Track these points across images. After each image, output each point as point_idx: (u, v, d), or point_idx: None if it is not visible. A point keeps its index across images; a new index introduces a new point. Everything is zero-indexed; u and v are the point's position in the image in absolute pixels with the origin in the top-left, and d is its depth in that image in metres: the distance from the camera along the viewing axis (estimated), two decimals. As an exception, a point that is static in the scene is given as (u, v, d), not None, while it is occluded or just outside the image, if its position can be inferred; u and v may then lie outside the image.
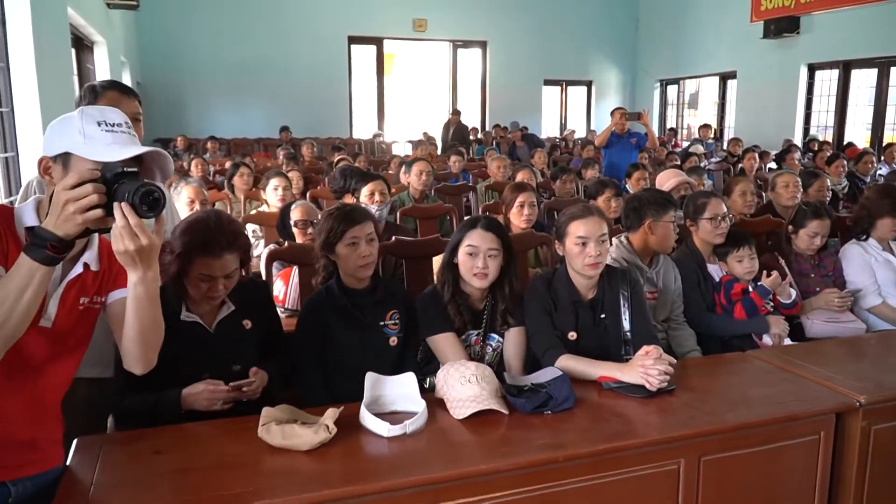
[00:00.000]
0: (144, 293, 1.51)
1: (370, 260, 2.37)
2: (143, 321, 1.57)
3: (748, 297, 3.03)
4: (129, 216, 1.37)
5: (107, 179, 1.40)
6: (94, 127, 1.46)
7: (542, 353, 2.45)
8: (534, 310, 2.54)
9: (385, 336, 2.44)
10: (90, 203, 1.35)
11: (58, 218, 1.36)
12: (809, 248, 3.39)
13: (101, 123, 1.47)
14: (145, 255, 1.42)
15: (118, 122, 1.50)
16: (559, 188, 5.47)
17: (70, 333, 1.64)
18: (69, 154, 1.45)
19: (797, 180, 4.34)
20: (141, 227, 1.39)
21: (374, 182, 3.66)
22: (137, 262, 1.43)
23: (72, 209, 1.35)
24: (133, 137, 1.52)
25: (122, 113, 1.55)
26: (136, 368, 1.69)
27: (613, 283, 2.58)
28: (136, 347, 1.64)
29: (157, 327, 1.64)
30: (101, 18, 8.25)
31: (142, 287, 1.50)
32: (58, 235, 1.36)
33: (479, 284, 2.48)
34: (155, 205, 1.40)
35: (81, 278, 1.62)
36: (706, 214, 3.22)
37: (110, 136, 1.47)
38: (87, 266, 1.63)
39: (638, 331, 2.53)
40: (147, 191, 1.39)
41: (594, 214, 2.51)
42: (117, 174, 1.41)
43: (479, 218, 2.53)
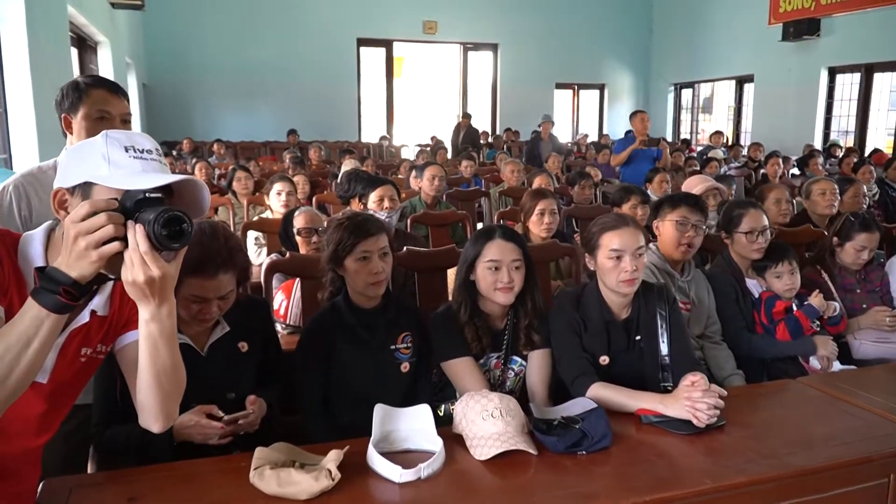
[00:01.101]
0: (159, 332, 1.27)
1: (382, 277, 2.12)
2: (158, 365, 1.33)
3: (793, 317, 2.77)
4: (141, 241, 1.15)
5: (126, 208, 1.17)
6: (121, 153, 1.24)
7: (571, 379, 2.20)
8: (561, 330, 2.29)
9: (396, 362, 2.19)
10: (105, 236, 1.13)
11: (70, 256, 1.14)
12: (856, 263, 3.12)
13: (128, 149, 1.25)
14: (157, 287, 1.19)
15: (148, 149, 1.27)
16: (577, 194, 5.21)
17: (66, 388, 1.42)
18: (90, 184, 1.23)
19: (835, 187, 4.08)
20: (153, 255, 1.16)
21: (382, 187, 3.41)
22: (149, 295, 1.20)
23: (83, 244, 1.12)
24: (163, 166, 1.29)
25: (151, 138, 1.32)
26: (154, 425, 1.44)
27: (649, 301, 2.33)
28: (154, 398, 1.39)
29: (175, 373, 1.39)
30: (104, 18, 8.07)
31: (155, 325, 1.26)
32: (72, 278, 1.14)
33: (504, 300, 2.23)
34: (179, 235, 1.17)
35: (87, 327, 1.40)
36: (742, 227, 2.96)
37: (139, 164, 1.24)
38: (93, 313, 1.40)
39: (678, 355, 2.27)
40: (171, 217, 1.15)
41: (629, 225, 2.25)
42: (139, 201, 1.18)
43: (493, 228, 2.28)
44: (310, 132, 12.54)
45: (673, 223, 2.80)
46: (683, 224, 2.79)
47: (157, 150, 1.29)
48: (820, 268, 3.21)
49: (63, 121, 2.18)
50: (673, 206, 2.84)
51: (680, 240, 2.79)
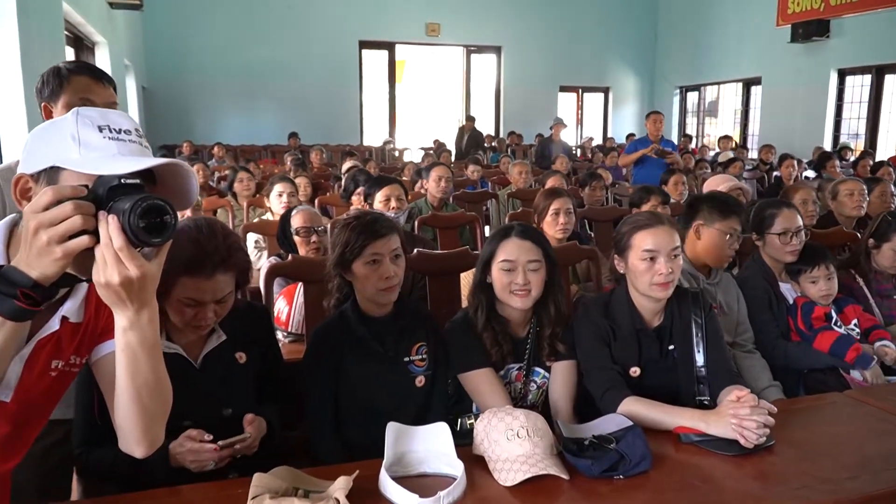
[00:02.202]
0: (139, 342, 1.08)
1: (395, 282, 1.93)
2: (139, 381, 1.14)
3: (845, 339, 2.56)
4: (115, 236, 0.96)
5: (98, 196, 0.98)
6: (94, 133, 1.05)
7: (600, 393, 2.01)
8: (588, 340, 2.10)
9: (411, 375, 2.00)
10: (71, 229, 0.94)
11: (30, 252, 0.95)
12: (894, 266, 2.94)
13: (102, 129, 1.06)
14: (135, 290, 1.00)
15: (126, 128, 1.09)
16: (588, 196, 5.02)
17: (35, 408, 1.22)
18: (58, 169, 1.04)
19: (863, 188, 3.90)
20: (129, 251, 0.97)
21: (389, 186, 3.23)
22: (125, 299, 1.01)
23: (45, 238, 0.94)
24: (144, 149, 1.11)
25: (130, 117, 1.13)
26: (136, 450, 1.24)
27: (683, 307, 2.14)
28: (134, 419, 1.19)
29: (159, 389, 1.19)
30: (102, 18, 7.91)
31: (134, 334, 1.07)
32: (32, 278, 0.96)
33: (520, 305, 2.05)
34: (161, 228, 0.98)
35: (56, 336, 1.20)
36: (775, 228, 2.77)
37: (115, 146, 1.06)
38: (65, 320, 1.20)
39: (715, 367, 2.09)
40: (151, 206, 0.97)
41: (664, 223, 2.07)
42: (113, 188, 0.98)
43: (511, 226, 2.10)
44: (312, 135, 12.36)
45: (721, 233, 2.60)
46: (732, 235, 2.61)
47: (137, 131, 1.10)
48: (854, 272, 3.02)
49: (43, 110, 2.00)
50: (724, 215, 2.62)
51: (727, 251, 2.61)
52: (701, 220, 2.63)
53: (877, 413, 1.97)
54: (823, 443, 1.79)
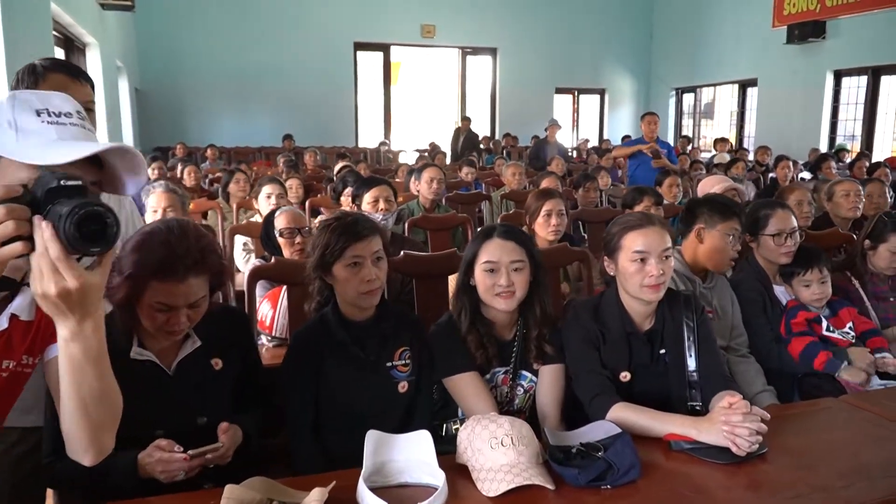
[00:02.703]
0: (83, 352, 1.03)
1: (377, 285, 1.87)
2: (84, 392, 1.08)
3: (812, 347, 2.51)
4: (51, 245, 0.90)
5: (35, 199, 0.93)
6: (32, 117, 1.01)
7: (588, 398, 1.96)
8: (577, 343, 2.05)
9: (393, 381, 1.94)
10: (3, 234, 0.90)
11: None
12: (890, 267, 2.88)
13: (41, 113, 1.02)
14: (75, 300, 0.95)
15: (67, 111, 1.04)
16: (582, 197, 4.97)
17: None
18: None
19: (859, 189, 3.84)
20: (66, 261, 0.91)
21: (378, 187, 3.17)
22: (66, 310, 0.96)
23: None
24: (88, 132, 1.05)
25: (73, 99, 1.08)
26: (83, 458, 1.19)
27: (675, 310, 2.09)
28: (80, 429, 1.14)
29: (107, 400, 1.14)
30: (93, 19, 7.84)
31: (78, 345, 1.02)
32: None
33: (504, 306, 1.99)
34: (99, 235, 0.93)
35: (6, 334, 1.15)
36: (769, 229, 2.72)
37: (55, 131, 1.01)
38: (14, 318, 1.15)
39: (707, 371, 2.03)
40: (88, 213, 0.91)
41: (655, 224, 2.02)
42: (51, 190, 0.93)
43: (494, 226, 2.05)
44: (306, 137, 12.30)
45: (723, 235, 2.55)
46: (734, 236, 2.56)
47: (79, 113, 1.04)
48: (850, 274, 2.97)
49: None
50: (725, 217, 2.57)
51: (730, 254, 2.56)
52: (702, 223, 2.58)
53: (873, 419, 1.91)
54: (818, 450, 1.74)
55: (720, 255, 2.53)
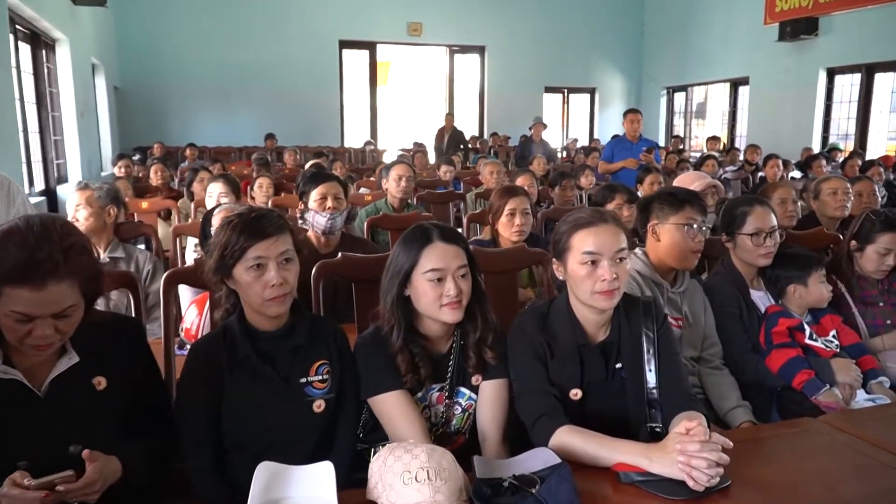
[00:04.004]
0: None
1: (284, 291, 1.63)
2: None
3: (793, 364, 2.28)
4: None
5: None
6: None
7: (532, 420, 1.72)
8: (521, 358, 1.81)
9: (307, 399, 1.69)
10: None
11: None
12: (879, 270, 2.65)
13: None
14: None
15: None
16: (559, 196, 4.73)
17: None
18: None
19: (847, 187, 3.61)
20: None
21: (325, 184, 2.92)
22: None
23: None
24: None
25: None
26: None
27: (633, 319, 1.85)
28: None
29: None
30: (61, 14, 7.58)
31: None
32: None
33: (453, 318, 1.76)
34: None
35: None
36: (746, 228, 2.49)
37: None
38: None
39: (669, 388, 1.80)
40: None
41: (608, 221, 1.78)
42: None
43: (428, 228, 1.79)
44: (291, 137, 12.03)
45: (678, 227, 2.31)
46: (691, 226, 2.31)
47: None
48: (836, 277, 2.73)
49: None
50: (677, 207, 2.34)
51: (690, 246, 2.31)
52: (655, 218, 2.35)
53: (855, 444, 1.68)
54: (790, 482, 1.50)
55: (679, 250, 2.30)
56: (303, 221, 2.97)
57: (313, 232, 2.96)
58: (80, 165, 8.07)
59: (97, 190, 3.07)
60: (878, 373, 2.40)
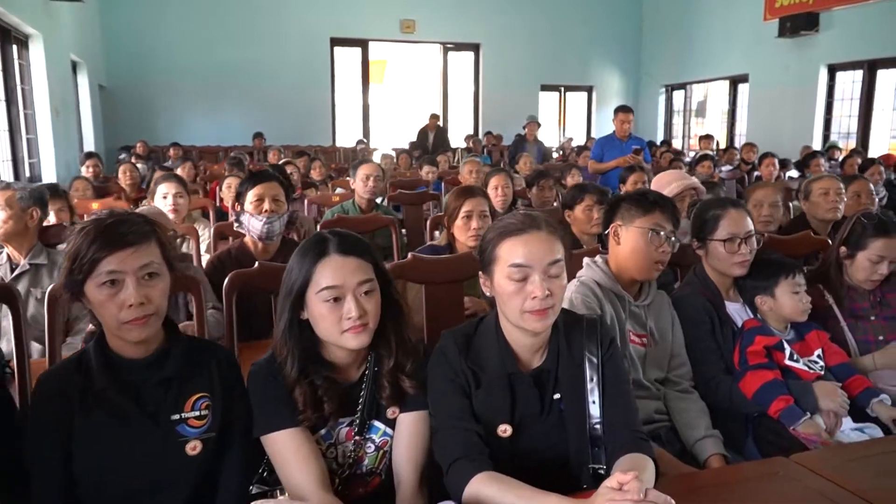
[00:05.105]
0: None
1: (146, 312, 1.36)
2: None
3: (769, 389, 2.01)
4: None
5: None
6: None
7: (447, 464, 1.46)
8: (439, 387, 1.56)
9: (180, 440, 1.43)
10: None
11: None
12: (870, 280, 2.38)
13: None
14: None
15: None
16: (536, 197, 4.46)
17: None
18: None
19: (839, 187, 3.33)
20: None
21: (262, 185, 2.66)
22: None
23: None
24: None
25: None
26: None
27: (574, 341, 1.59)
28: None
29: None
30: (34, 8, 7.33)
31: None
32: None
33: (356, 343, 1.50)
34: None
35: None
36: (719, 234, 2.22)
37: None
38: None
39: (615, 423, 1.54)
40: None
41: (541, 229, 1.52)
42: None
43: (325, 238, 1.53)
44: (281, 136, 11.78)
45: (642, 231, 2.05)
46: (657, 233, 2.05)
47: None
48: (823, 287, 2.46)
49: None
50: (645, 210, 2.08)
51: (653, 255, 2.05)
52: (619, 219, 2.10)
53: (829, 490, 1.42)
54: (747, 547, 1.24)
55: (639, 257, 2.04)
56: (238, 225, 2.72)
57: (250, 237, 2.71)
58: (55, 164, 7.82)
59: (20, 190, 2.84)
60: (876, 392, 2.13)
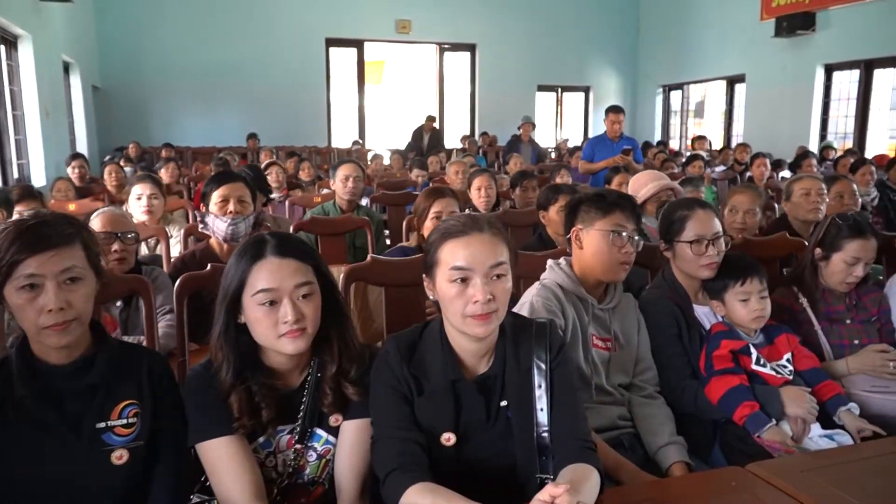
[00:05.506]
0: None
1: (66, 317, 1.30)
2: None
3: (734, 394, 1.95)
4: None
5: None
6: None
7: (383, 475, 1.41)
8: (379, 394, 1.50)
9: (105, 449, 1.38)
10: None
11: None
12: (845, 282, 2.32)
13: None
14: None
15: None
16: (519, 198, 4.41)
17: None
18: None
19: (821, 187, 3.27)
20: None
21: (227, 185, 2.61)
22: None
23: None
24: None
25: None
26: None
27: (522, 346, 1.54)
28: None
29: None
30: (23, 9, 7.30)
31: None
32: None
33: (293, 348, 1.45)
34: None
35: None
36: (686, 235, 2.17)
37: None
38: None
39: (562, 431, 1.48)
40: None
41: (484, 231, 1.46)
42: None
43: (262, 240, 1.48)
44: (277, 137, 11.76)
45: (603, 233, 2.00)
46: (619, 234, 2.00)
47: None
48: (798, 290, 2.40)
49: None
50: (604, 211, 2.03)
51: (616, 256, 1.99)
52: (580, 223, 2.04)
53: (783, 502, 1.36)
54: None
55: (603, 259, 1.98)
56: (203, 226, 2.67)
57: (215, 239, 2.66)
58: (45, 166, 7.79)
59: None
60: (845, 399, 2.07)
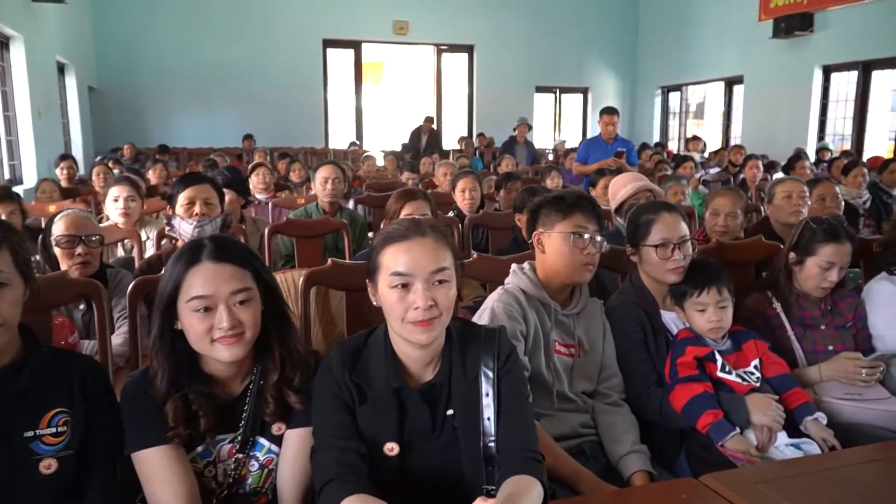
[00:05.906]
0: None
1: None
2: None
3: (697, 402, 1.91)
4: None
5: None
6: None
7: (319, 486, 1.37)
8: (320, 403, 1.46)
9: (32, 458, 1.34)
10: None
11: None
12: (819, 287, 2.27)
13: None
14: None
15: None
16: (504, 199, 4.36)
17: None
18: None
19: (803, 189, 3.22)
20: None
21: (194, 187, 2.58)
22: None
23: None
24: None
25: None
26: None
27: (469, 354, 1.49)
28: None
29: None
30: (15, 10, 7.30)
31: None
32: None
33: (228, 355, 1.41)
34: None
35: None
36: (651, 239, 2.12)
37: None
38: None
39: (507, 441, 1.44)
40: None
41: (426, 235, 1.43)
42: None
43: (200, 244, 1.44)
44: (274, 138, 11.77)
45: (564, 236, 1.96)
46: (580, 235, 1.96)
47: None
48: (772, 295, 2.36)
49: None
50: (564, 213, 2.00)
51: (579, 258, 1.96)
52: (541, 226, 2.00)
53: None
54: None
55: (566, 261, 1.95)
56: (170, 228, 2.63)
57: (182, 241, 2.62)
58: (37, 167, 7.77)
59: None
60: (812, 408, 2.03)
